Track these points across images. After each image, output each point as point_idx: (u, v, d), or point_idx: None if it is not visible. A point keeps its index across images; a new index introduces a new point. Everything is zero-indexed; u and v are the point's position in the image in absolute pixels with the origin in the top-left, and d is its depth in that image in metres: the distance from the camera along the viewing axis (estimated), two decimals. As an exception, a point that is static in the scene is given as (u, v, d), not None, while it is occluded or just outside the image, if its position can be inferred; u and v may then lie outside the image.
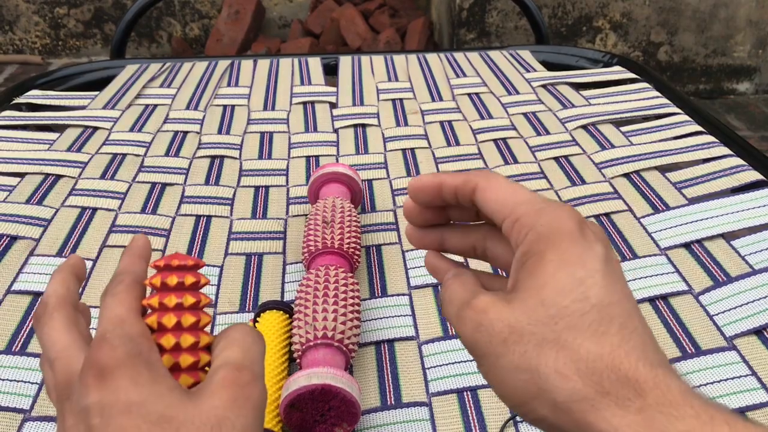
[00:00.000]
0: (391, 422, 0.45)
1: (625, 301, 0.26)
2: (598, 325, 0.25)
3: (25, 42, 2.98)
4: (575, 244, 0.27)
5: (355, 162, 0.76)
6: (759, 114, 2.50)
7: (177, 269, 0.30)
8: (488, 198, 0.30)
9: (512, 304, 0.27)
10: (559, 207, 0.28)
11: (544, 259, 0.27)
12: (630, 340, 0.25)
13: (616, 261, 0.28)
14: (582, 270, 0.26)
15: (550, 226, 0.27)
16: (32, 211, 0.65)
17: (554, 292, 0.26)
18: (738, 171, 0.69)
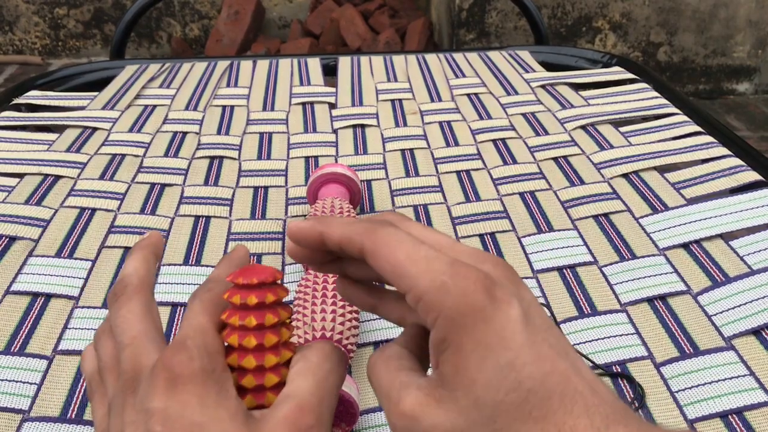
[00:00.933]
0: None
1: (557, 359, 0.24)
2: (538, 410, 0.23)
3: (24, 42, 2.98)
4: (490, 322, 0.24)
5: (354, 162, 0.76)
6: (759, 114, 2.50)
7: (257, 287, 0.29)
8: (380, 265, 0.26)
9: (445, 407, 0.25)
10: (462, 276, 0.25)
11: (464, 351, 0.24)
12: (573, 410, 0.23)
13: (534, 311, 0.26)
14: (506, 353, 0.24)
15: (457, 310, 0.24)
16: (31, 212, 0.65)
17: (485, 389, 0.24)
18: (737, 171, 0.69)
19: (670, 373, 0.48)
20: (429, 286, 0.25)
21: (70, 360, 0.49)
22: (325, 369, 0.28)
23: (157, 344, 0.29)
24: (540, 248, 0.61)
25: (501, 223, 0.65)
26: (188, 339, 0.27)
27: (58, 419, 0.45)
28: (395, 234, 0.26)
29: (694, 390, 0.46)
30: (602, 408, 0.24)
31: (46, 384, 0.47)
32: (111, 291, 0.31)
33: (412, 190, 0.70)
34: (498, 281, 0.25)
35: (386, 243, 0.26)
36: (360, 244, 0.27)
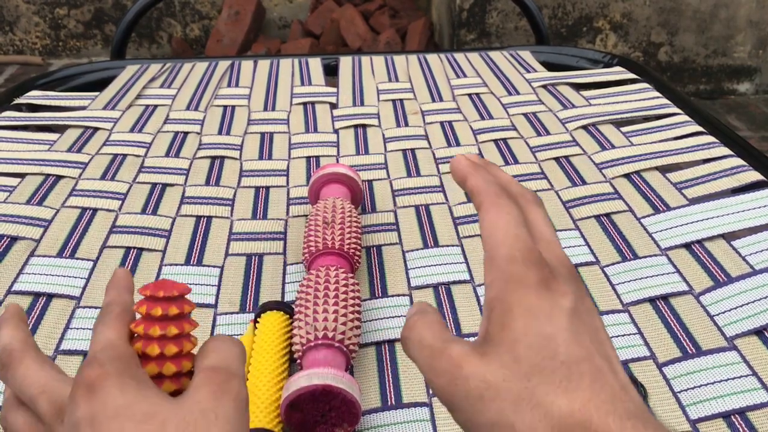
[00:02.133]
0: (392, 422, 0.45)
1: (596, 357, 0.26)
2: (568, 382, 0.25)
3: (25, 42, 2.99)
4: (541, 298, 0.27)
5: (356, 162, 0.76)
6: (759, 114, 2.50)
7: (163, 300, 0.30)
8: (482, 224, 0.30)
9: (487, 359, 0.27)
10: (532, 260, 0.28)
11: (512, 313, 0.27)
12: (600, 394, 0.25)
13: (586, 313, 0.28)
14: (549, 326, 0.26)
15: (516, 276, 0.27)
16: (32, 212, 0.65)
17: (526, 349, 0.26)
18: (738, 171, 0.69)
19: (673, 374, 0.48)
20: (504, 254, 0.28)
21: (72, 360, 0.49)
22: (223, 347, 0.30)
23: (67, 383, 0.30)
24: (542, 248, 0.61)
25: (502, 223, 0.64)
26: (96, 354, 0.29)
27: (60, 419, 0.45)
28: (507, 207, 0.30)
29: (697, 390, 0.46)
30: (628, 404, 0.25)
31: (47, 384, 0.47)
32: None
33: (413, 190, 0.70)
34: (561, 277, 0.28)
35: (496, 212, 0.29)
36: (479, 202, 0.30)
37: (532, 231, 0.30)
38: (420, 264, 0.59)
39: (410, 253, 0.61)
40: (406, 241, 0.63)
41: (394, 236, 0.63)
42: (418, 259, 0.60)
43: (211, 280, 0.58)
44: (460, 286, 0.57)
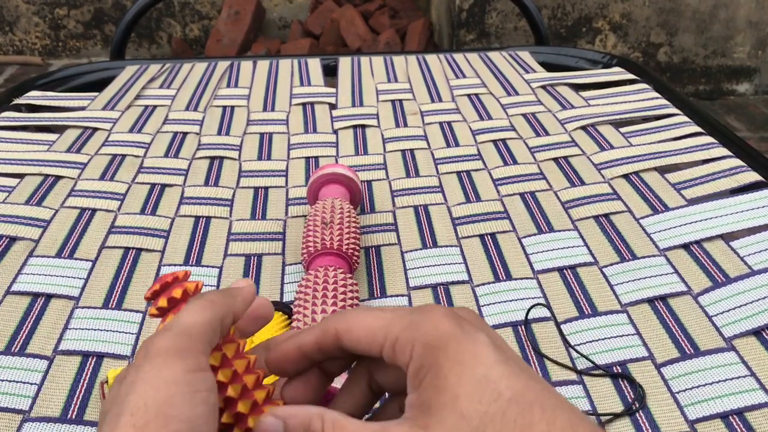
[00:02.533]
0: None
1: (531, 380, 0.26)
2: (522, 419, 0.24)
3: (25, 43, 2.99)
4: (461, 343, 0.26)
5: (355, 163, 0.76)
6: (759, 115, 2.51)
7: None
8: (355, 338, 0.29)
9: (432, 430, 0.25)
10: (427, 312, 0.27)
11: (442, 371, 0.26)
12: (556, 421, 0.24)
13: (502, 343, 0.27)
14: (481, 367, 0.25)
15: (429, 334, 0.26)
16: (31, 212, 0.65)
17: (468, 401, 0.25)
18: (737, 172, 0.69)
19: (671, 374, 0.48)
20: (400, 327, 0.27)
21: (70, 360, 0.49)
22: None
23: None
24: (540, 249, 0.61)
25: (501, 224, 0.64)
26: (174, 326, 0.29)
27: (59, 419, 0.45)
28: (358, 310, 0.30)
29: (695, 391, 0.46)
30: (585, 422, 0.25)
31: (46, 384, 0.47)
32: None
33: (412, 191, 0.70)
34: (462, 317, 0.28)
35: (354, 318, 0.29)
36: (334, 330, 0.29)
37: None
38: (419, 264, 0.59)
39: (409, 254, 0.61)
40: (404, 241, 0.63)
41: (393, 236, 0.63)
42: (417, 259, 0.60)
43: (210, 281, 0.58)
44: (458, 287, 0.57)
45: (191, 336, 0.28)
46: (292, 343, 0.30)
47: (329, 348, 0.29)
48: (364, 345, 0.28)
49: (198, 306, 0.30)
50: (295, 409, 0.29)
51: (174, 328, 0.29)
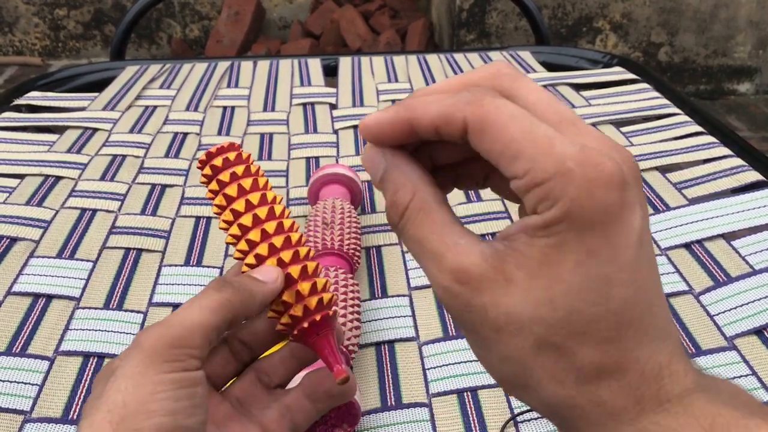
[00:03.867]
0: (392, 423, 0.45)
1: (651, 288, 0.22)
2: (610, 332, 0.22)
3: (24, 43, 2.99)
4: (610, 227, 0.21)
5: (355, 163, 0.76)
6: (759, 114, 2.50)
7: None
8: (488, 145, 0.22)
9: (513, 289, 0.22)
10: (593, 166, 0.21)
11: (565, 247, 0.21)
12: (643, 340, 0.22)
13: (647, 219, 0.23)
14: (610, 265, 0.21)
15: (581, 203, 0.21)
16: (32, 213, 0.65)
17: (568, 293, 0.21)
18: (738, 171, 0.69)
19: (673, 374, 0.47)
20: (553, 171, 0.21)
21: (71, 361, 0.49)
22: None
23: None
24: (541, 248, 0.61)
25: (502, 224, 0.64)
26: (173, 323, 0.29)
27: (60, 420, 0.45)
28: (507, 107, 0.22)
29: (697, 390, 0.46)
30: (669, 343, 0.23)
31: (47, 385, 0.47)
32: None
33: (413, 191, 0.70)
34: (629, 180, 0.22)
35: (497, 117, 0.22)
36: (462, 120, 0.22)
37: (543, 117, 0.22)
38: (420, 264, 0.59)
39: (410, 254, 0.61)
40: (405, 241, 0.62)
41: (394, 237, 0.63)
42: (418, 259, 0.60)
43: (210, 281, 0.57)
44: (459, 287, 0.57)
45: (190, 337, 0.28)
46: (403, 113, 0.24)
47: (447, 136, 0.23)
48: (494, 157, 0.22)
49: (212, 304, 0.29)
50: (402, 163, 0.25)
51: (176, 326, 0.28)
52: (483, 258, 0.23)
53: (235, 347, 0.33)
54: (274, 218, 0.31)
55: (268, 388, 0.34)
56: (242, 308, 0.30)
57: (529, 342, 0.22)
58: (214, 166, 0.31)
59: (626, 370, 0.22)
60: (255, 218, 0.31)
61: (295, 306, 0.31)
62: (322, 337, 0.31)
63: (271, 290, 0.31)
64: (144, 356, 0.27)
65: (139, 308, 0.54)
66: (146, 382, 0.27)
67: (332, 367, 0.30)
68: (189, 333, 0.28)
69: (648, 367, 0.22)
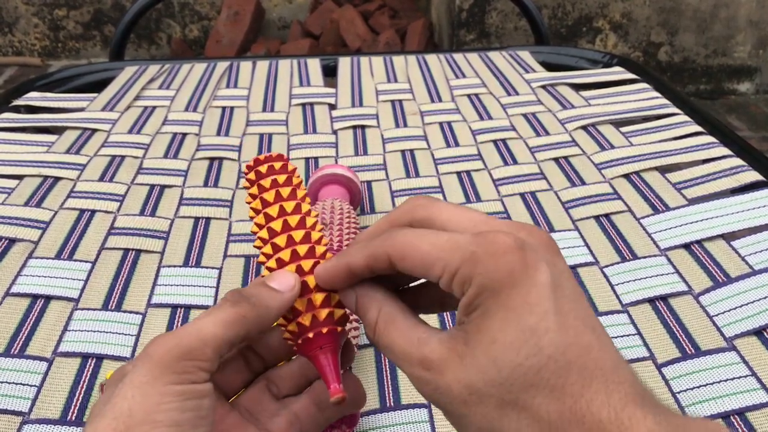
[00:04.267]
0: (391, 424, 0.45)
1: (582, 331, 0.25)
2: (556, 378, 0.24)
3: (24, 44, 2.98)
4: (518, 286, 0.25)
5: (354, 163, 0.76)
6: (760, 114, 2.50)
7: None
8: (410, 265, 0.27)
9: (465, 363, 0.25)
10: (490, 244, 0.25)
11: (489, 313, 0.25)
12: (591, 384, 0.24)
13: (564, 276, 0.26)
14: (530, 317, 0.24)
15: (488, 275, 0.25)
16: (31, 214, 0.65)
17: (504, 350, 0.24)
18: (738, 171, 0.69)
19: (672, 374, 0.47)
20: (460, 260, 0.25)
21: (70, 362, 0.49)
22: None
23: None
24: (541, 249, 0.61)
25: (502, 224, 0.64)
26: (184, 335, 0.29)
27: (58, 421, 0.44)
28: (413, 232, 0.27)
29: (696, 391, 0.46)
30: (622, 386, 0.24)
31: (45, 386, 0.47)
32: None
33: (412, 191, 0.70)
34: (530, 245, 0.26)
35: (408, 242, 0.27)
36: (386, 255, 0.28)
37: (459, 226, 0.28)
38: (419, 265, 0.59)
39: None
40: (404, 242, 0.62)
41: (393, 237, 0.63)
42: (417, 260, 0.60)
43: (209, 282, 0.57)
44: (459, 287, 0.57)
45: (201, 350, 0.28)
46: (342, 261, 0.29)
47: (381, 269, 0.28)
48: (419, 272, 0.27)
49: (226, 318, 0.29)
50: (368, 290, 0.30)
51: (188, 337, 0.28)
52: (440, 344, 0.26)
53: (249, 358, 0.34)
54: (303, 228, 0.32)
55: (277, 397, 0.34)
56: (256, 324, 0.30)
57: (491, 406, 0.24)
58: (259, 171, 0.33)
59: (583, 416, 0.23)
60: (285, 224, 0.32)
61: (305, 314, 0.30)
62: (325, 351, 0.30)
63: (287, 300, 0.31)
64: (153, 366, 0.27)
65: (138, 309, 0.54)
66: (153, 393, 0.27)
67: (329, 384, 0.30)
68: (200, 346, 0.28)
69: (604, 413, 0.23)
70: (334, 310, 0.31)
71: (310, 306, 0.31)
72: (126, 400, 0.26)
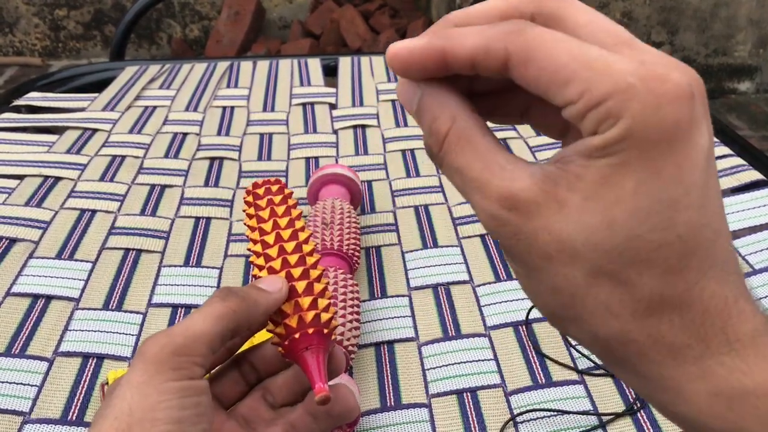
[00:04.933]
0: (391, 423, 0.45)
1: (718, 213, 0.21)
2: (677, 260, 0.20)
3: (25, 44, 2.99)
4: (677, 146, 0.19)
5: (355, 163, 0.76)
6: (760, 113, 2.50)
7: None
8: (534, 74, 0.20)
9: (566, 214, 0.20)
10: (660, 80, 0.19)
11: (627, 167, 0.19)
12: (708, 272, 0.20)
13: (712, 146, 0.21)
14: (677, 187, 0.19)
15: (645, 120, 0.19)
16: (31, 214, 0.65)
17: (629, 215, 0.19)
18: (738, 171, 0.69)
19: (672, 374, 0.47)
20: (612, 88, 0.19)
21: (70, 362, 0.49)
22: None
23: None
24: (541, 248, 0.61)
25: (502, 224, 0.64)
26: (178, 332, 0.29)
27: (59, 421, 0.45)
28: (551, 33, 0.20)
29: (697, 390, 0.46)
30: (736, 279, 0.21)
31: (46, 386, 0.47)
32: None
33: (412, 191, 0.70)
34: (699, 95, 0.20)
35: (542, 44, 0.20)
36: (503, 52, 0.20)
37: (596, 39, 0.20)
38: (419, 264, 0.59)
39: (409, 254, 0.61)
40: (405, 241, 0.62)
41: (394, 237, 0.63)
42: (418, 259, 0.60)
43: (210, 282, 0.58)
44: (459, 287, 0.57)
45: (194, 346, 0.28)
46: (436, 42, 0.22)
47: (488, 68, 0.21)
48: (543, 87, 0.20)
49: (215, 312, 0.29)
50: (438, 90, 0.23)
51: (180, 335, 0.29)
52: (533, 181, 0.21)
53: (245, 370, 0.34)
54: (295, 239, 0.33)
55: (273, 407, 0.34)
56: (246, 317, 0.30)
57: (584, 271, 0.20)
58: (256, 194, 0.35)
59: (690, 303, 0.20)
60: (277, 236, 0.33)
61: (292, 317, 0.31)
62: (311, 352, 0.31)
63: (275, 300, 0.31)
64: (148, 364, 0.28)
65: (139, 309, 0.54)
66: (151, 391, 0.27)
67: (313, 384, 0.30)
68: (192, 341, 0.28)
69: (713, 302, 0.20)
70: (320, 313, 0.31)
71: (297, 308, 0.31)
72: (125, 400, 0.27)
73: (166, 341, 0.28)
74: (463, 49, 0.21)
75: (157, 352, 0.28)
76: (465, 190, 0.22)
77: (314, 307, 0.31)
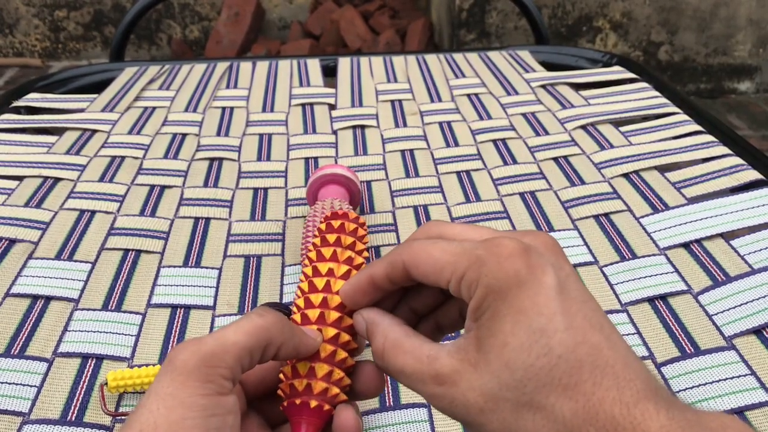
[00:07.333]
0: (390, 423, 0.45)
1: (590, 331, 0.25)
2: (568, 378, 0.24)
3: (25, 45, 2.99)
4: (525, 288, 0.25)
5: (354, 163, 0.76)
6: (760, 113, 2.50)
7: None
8: (422, 272, 0.28)
9: (479, 370, 0.26)
10: (495, 248, 0.27)
11: (498, 315, 0.26)
12: (602, 382, 0.24)
13: (571, 278, 0.27)
14: (539, 318, 0.25)
15: (494, 276, 0.26)
16: (31, 214, 0.65)
17: (516, 352, 0.25)
18: (737, 170, 0.69)
19: (671, 373, 0.47)
20: (467, 263, 0.27)
21: (70, 362, 0.49)
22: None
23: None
24: (540, 248, 0.61)
25: (501, 224, 0.64)
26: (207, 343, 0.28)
27: (58, 422, 0.45)
28: (426, 241, 0.29)
29: (695, 390, 0.46)
30: (634, 383, 0.24)
31: (46, 386, 0.47)
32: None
33: (412, 191, 0.70)
34: (534, 249, 0.27)
35: (422, 249, 0.28)
36: (401, 262, 0.29)
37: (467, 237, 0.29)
38: (418, 265, 0.59)
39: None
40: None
41: (393, 237, 0.63)
42: (417, 259, 0.60)
43: (209, 282, 0.58)
44: (458, 287, 0.57)
45: (222, 356, 0.28)
46: (364, 274, 0.31)
47: (398, 279, 0.30)
48: (431, 279, 0.28)
49: (249, 326, 0.29)
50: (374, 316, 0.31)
51: (210, 343, 0.28)
52: (450, 356, 0.27)
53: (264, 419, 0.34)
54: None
55: None
56: (279, 336, 0.30)
57: (508, 410, 0.25)
58: (330, 224, 0.34)
59: (596, 414, 0.23)
60: (326, 286, 0.32)
61: (302, 379, 0.30)
62: (305, 425, 0.30)
63: (307, 346, 0.31)
64: (176, 373, 0.27)
65: (138, 309, 0.54)
66: (177, 405, 0.26)
67: None
68: (222, 351, 0.28)
69: (617, 409, 0.23)
70: (329, 387, 0.31)
71: (311, 373, 0.30)
72: (152, 413, 0.26)
73: (195, 348, 0.28)
74: (380, 271, 0.30)
75: (186, 360, 0.27)
76: (409, 384, 0.28)
77: (327, 379, 0.31)
